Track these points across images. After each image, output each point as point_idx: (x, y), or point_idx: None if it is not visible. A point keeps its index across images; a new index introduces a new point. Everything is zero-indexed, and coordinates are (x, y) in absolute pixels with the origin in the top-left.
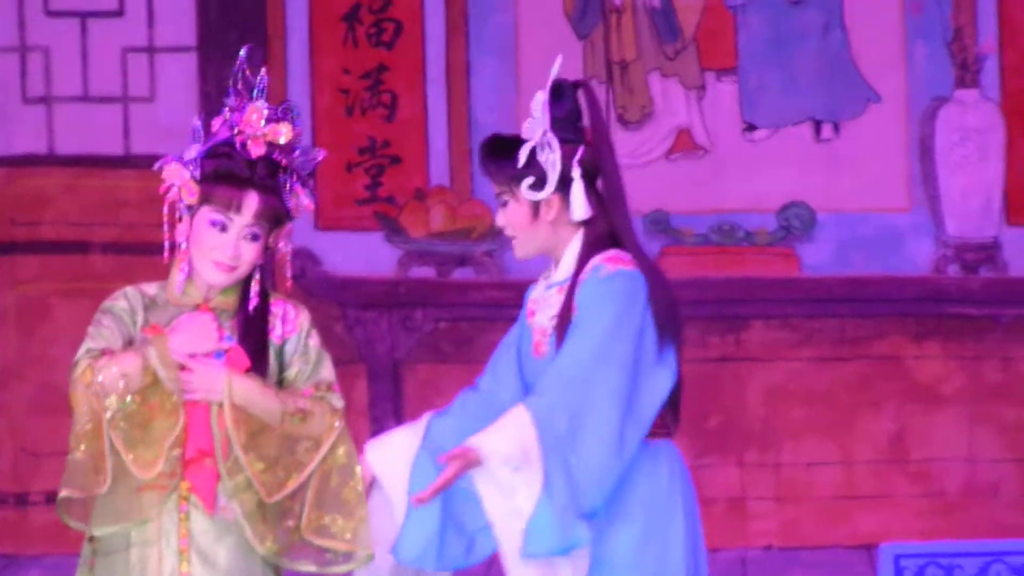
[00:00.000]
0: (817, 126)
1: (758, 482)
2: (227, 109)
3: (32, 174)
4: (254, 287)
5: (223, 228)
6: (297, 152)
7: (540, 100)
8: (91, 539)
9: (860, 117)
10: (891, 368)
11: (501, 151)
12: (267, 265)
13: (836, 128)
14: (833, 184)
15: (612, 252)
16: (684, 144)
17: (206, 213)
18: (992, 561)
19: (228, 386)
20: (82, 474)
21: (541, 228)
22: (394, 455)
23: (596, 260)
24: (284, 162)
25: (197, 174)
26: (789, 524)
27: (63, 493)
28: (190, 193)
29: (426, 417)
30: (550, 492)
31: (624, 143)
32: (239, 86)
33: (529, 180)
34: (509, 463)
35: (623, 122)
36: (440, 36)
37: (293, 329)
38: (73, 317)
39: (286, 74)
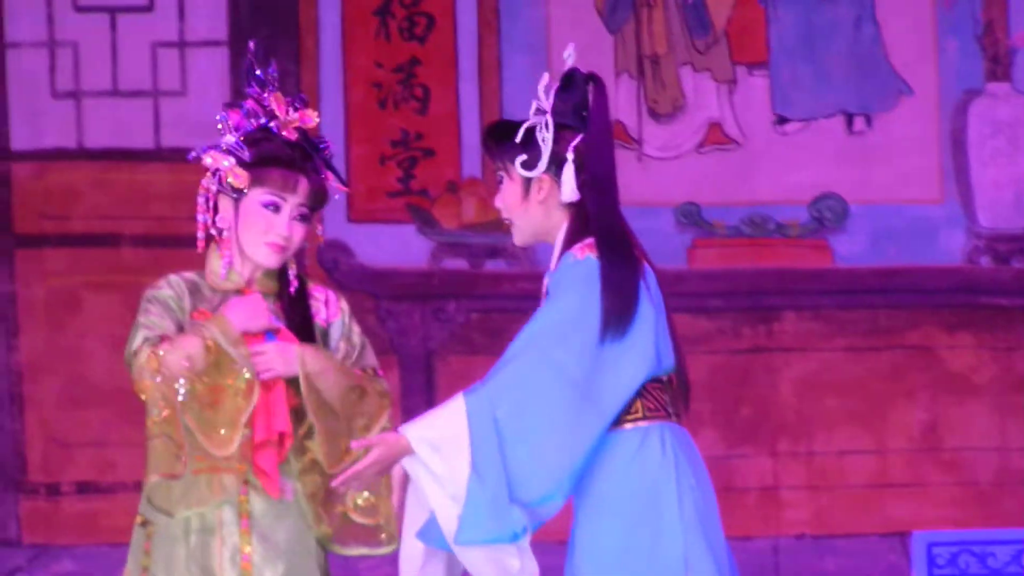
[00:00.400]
0: (849, 119)
1: (791, 471)
2: (249, 100)
3: (62, 168)
4: (292, 271)
5: (277, 209)
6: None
7: (546, 82)
8: (144, 524)
9: (892, 110)
10: (924, 358)
11: (502, 131)
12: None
13: (868, 121)
14: (865, 176)
15: (591, 239)
16: (715, 137)
17: (259, 195)
18: None
19: (301, 357)
20: (165, 459)
21: (532, 209)
22: None
23: (574, 247)
24: (316, 146)
25: (247, 157)
26: (822, 513)
27: (152, 479)
28: (238, 178)
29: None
30: (481, 479)
31: (655, 136)
32: (252, 79)
33: (522, 157)
34: (437, 451)
35: (654, 115)
36: (472, 30)
37: (336, 313)
38: (103, 310)
39: (318, 68)
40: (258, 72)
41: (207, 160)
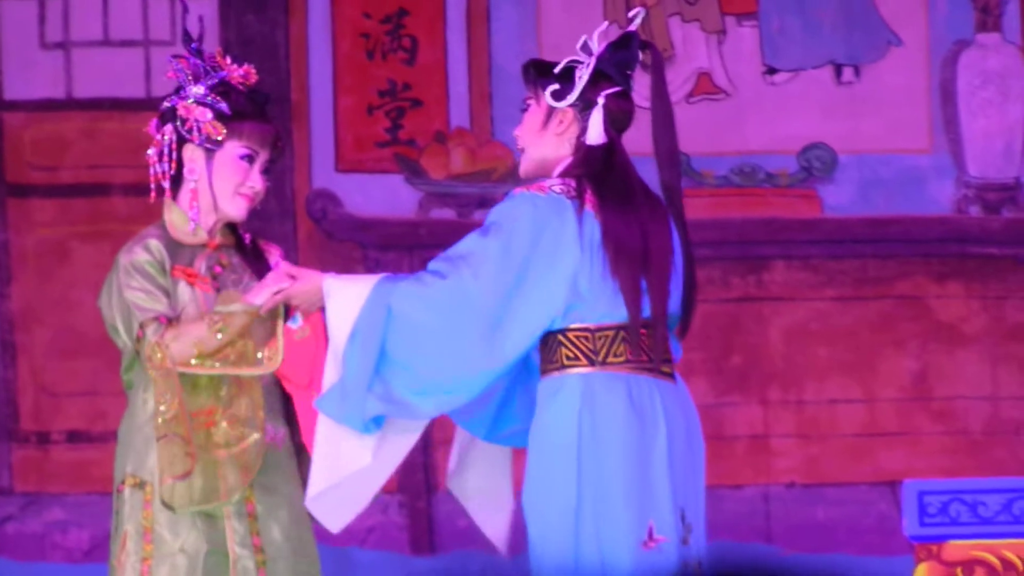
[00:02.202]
0: (838, 69)
1: (781, 420)
2: (192, 57)
3: (51, 118)
4: (241, 227)
5: (251, 161)
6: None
7: (603, 29)
8: (140, 485)
9: (881, 61)
10: (913, 308)
11: (545, 63)
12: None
13: (857, 71)
14: (854, 126)
15: (550, 179)
16: (705, 87)
17: (235, 148)
18: (1015, 498)
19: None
20: (178, 458)
21: (547, 139)
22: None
23: (536, 183)
24: (268, 100)
25: (226, 110)
26: (812, 461)
27: (168, 482)
28: (216, 131)
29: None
30: (351, 349)
31: (645, 86)
32: (186, 35)
33: (555, 87)
34: (336, 315)
35: (643, 66)
36: None
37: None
38: (92, 260)
39: (307, 18)
40: (190, 30)
41: (182, 111)
